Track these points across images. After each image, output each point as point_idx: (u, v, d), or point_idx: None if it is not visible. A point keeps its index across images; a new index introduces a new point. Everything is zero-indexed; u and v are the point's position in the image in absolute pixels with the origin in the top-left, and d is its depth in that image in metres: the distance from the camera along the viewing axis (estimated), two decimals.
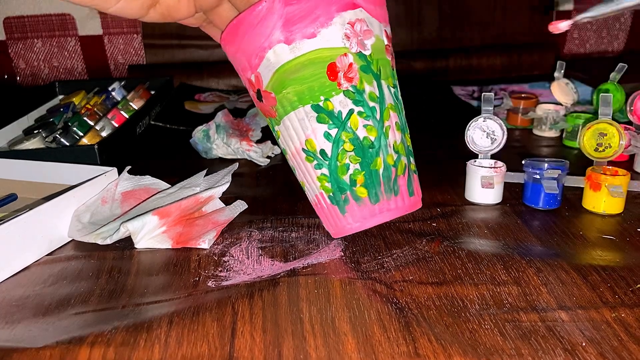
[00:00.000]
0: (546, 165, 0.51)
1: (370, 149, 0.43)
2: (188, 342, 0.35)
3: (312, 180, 0.44)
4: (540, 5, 1.13)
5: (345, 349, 0.34)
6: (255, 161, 0.66)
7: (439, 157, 0.67)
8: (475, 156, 0.54)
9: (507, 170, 0.53)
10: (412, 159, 0.46)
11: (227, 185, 0.54)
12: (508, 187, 0.55)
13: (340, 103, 0.42)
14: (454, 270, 0.42)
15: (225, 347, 0.34)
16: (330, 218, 0.45)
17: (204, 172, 0.58)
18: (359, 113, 0.42)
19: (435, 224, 0.50)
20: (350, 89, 0.41)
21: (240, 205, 0.53)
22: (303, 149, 0.43)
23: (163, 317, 0.37)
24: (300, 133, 0.43)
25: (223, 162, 0.66)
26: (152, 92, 0.87)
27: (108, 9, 0.39)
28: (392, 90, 0.44)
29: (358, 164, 0.43)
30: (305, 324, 0.36)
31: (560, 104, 0.72)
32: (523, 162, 0.52)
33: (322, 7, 0.40)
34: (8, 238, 0.43)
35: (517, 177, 0.56)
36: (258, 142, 0.68)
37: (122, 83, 0.88)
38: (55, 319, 0.38)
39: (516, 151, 0.68)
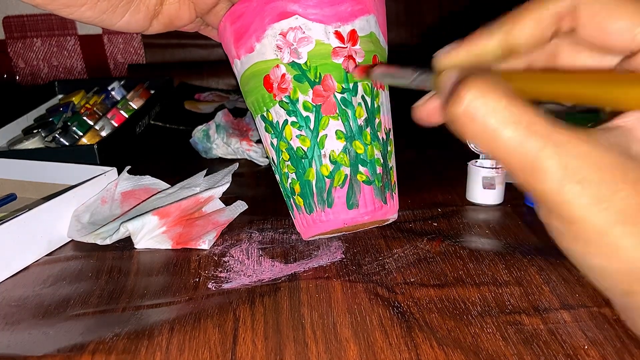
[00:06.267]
0: None
1: (303, 160, 0.43)
2: (189, 349, 0.35)
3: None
4: None
5: (347, 356, 0.34)
6: (255, 161, 0.66)
7: (439, 157, 0.66)
8: (476, 156, 0.54)
9: None
10: (364, 169, 0.43)
11: (227, 185, 0.54)
12: (509, 187, 0.55)
13: (276, 114, 0.43)
14: (455, 272, 0.42)
15: (227, 354, 0.34)
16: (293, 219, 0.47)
17: (204, 172, 0.58)
18: (292, 123, 0.42)
19: (436, 224, 0.49)
20: (284, 99, 0.42)
21: (240, 206, 0.53)
22: (266, 155, 0.45)
23: (164, 324, 0.37)
24: (262, 140, 0.46)
25: (223, 162, 0.66)
26: (152, 92, 0.86)
27: (114, 25, 0.40)
28: (340, 96, 0.42)
29: (294, 173, 0.44)
30: (307, 329, 0.36)
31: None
32: None
33: (256, 21, 0.41)
34: (8, 238, 0.43)
35: None
36: (258, 142, 0.68)
37: (122, 82, 0.88)
38: (56, 321, 0.38)
39: None
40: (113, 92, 0.84)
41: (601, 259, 0.22)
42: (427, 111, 0.29)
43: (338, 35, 0.41)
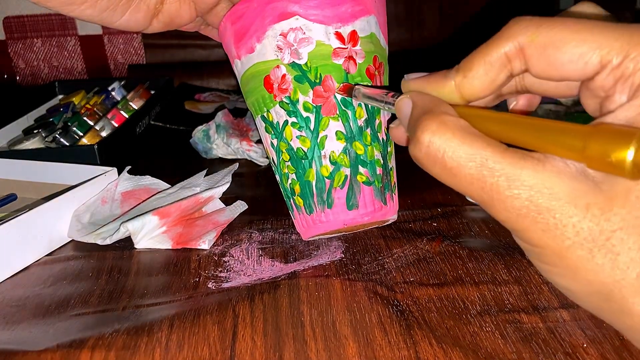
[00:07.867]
0: None
1: (303, 160, 0.43)
2: (189, 345, 0.35)
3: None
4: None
5: (346, 353, 0.34)
6: (255, 161, 0.66)
7: None
8: None
9: None
10: (364, 170, 0.43)
11: (227, 185, 0.54)
12: None
13: (277, 114, 0.43)
14: (454, 271, 0.42)
15: (226, 351, 0.34)
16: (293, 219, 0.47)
17: (204, 172, 0.58)
18: (293, 124, 0.42)
19: (435, 224, 0.49)
20: (285, 100, 0.42)
21: (240, 206, 0.53)
22: (266, 155, 0.45)
23: (164, 320, 0.37)
24: (262, 140, 0.46)
25: (223, 162, 0.66)
26: (152, 92, 0.86)
27: (114, 23, 0.41)
28: (340, 96, 0.42)
29: (294, 174, 0.44)
30: (306, 327, 0.36)
31: (561, 104, 0.72)
32: None
33: (257, 21, 0.41)
34: (8, 238, 0.43)
35: None
36: (258, 142, 0.68)
37: (122, 83, 0.88)
38: (56, 320, 0.38)
39: None
40: (113, 93, 0.84)
41: (565, 280, 0.23)
42: (398, 136, 0.31)
43: (338, 36, 0.41)
